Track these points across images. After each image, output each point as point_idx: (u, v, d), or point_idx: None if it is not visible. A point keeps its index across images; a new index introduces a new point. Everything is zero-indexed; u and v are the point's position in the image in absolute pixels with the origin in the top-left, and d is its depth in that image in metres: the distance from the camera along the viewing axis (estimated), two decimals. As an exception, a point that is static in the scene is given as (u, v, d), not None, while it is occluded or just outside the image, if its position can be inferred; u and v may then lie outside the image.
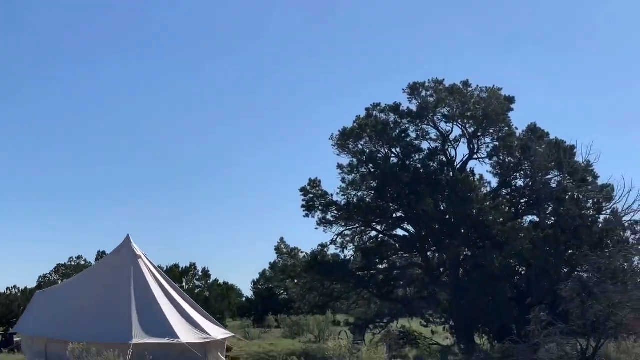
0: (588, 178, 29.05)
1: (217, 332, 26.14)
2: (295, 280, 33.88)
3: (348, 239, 32.56)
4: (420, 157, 30.98)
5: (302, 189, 31.95)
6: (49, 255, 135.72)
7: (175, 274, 42.58)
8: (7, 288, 57.16)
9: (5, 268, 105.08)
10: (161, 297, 25.22)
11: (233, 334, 29.38)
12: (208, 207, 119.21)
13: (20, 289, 52.96)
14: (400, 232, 32.24)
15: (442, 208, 29.98)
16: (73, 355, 12.59)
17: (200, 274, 45.48)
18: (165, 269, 42.25)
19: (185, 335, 23.82)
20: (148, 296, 24.71)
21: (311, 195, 31.80)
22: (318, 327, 36.84)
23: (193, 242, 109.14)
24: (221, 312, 42.23)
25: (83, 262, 54.28)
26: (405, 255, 32.66)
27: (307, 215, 31.76)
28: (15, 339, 27.07)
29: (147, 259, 26.86)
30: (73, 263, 56.90)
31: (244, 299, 63.44)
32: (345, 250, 32.53)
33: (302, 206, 31.87)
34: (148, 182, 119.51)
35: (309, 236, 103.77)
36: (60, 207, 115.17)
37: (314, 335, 35.95)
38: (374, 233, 32.63)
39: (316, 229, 31.82)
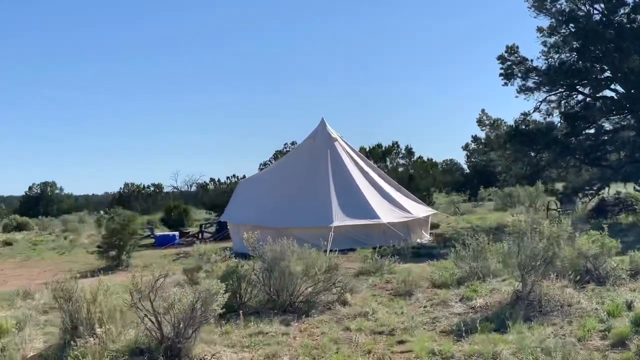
0: None
1: (419, 210, 25.98)
2: (499, 152, 32.95)
3: (553, 104, 31.02)
4: (626, 10, 28.26)
5: (500, 57, 30.60)
6: (269, 143, 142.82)
7: (377, 154, 42.67)
8: (227, 177, 60.40)
9: (228, 158, 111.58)
10: (360, 179, 25.31)
11: (436, 211, 29.14)
12: (406, 87, 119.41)
13: (239, 177, 55.64)
14: (608, 93, 30.23)
15: (653, 64, 27.44)
16: (249, 244, 12.77)
17: (403, 152, 45.13)
18: (367, 149, 42.56)
19: (386, 215, 23.83)
20: (346, 178, 24.88)
21: (509, 63, 30.38)
22: (529, 198, 35.83)
23: (395, 122, 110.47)
24: (427, 189, 41.99)
25: (297, 148, 55.76)
26: (614, 117, 30.53)
27: (506, 84, 30.54)
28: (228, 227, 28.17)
29: (344, 141, 26.92)
30: (288, 149, 58.80)
31: (458, 173, 63.06)
32: (550, 116, 31.12)
33: (500, 74, 30.61)
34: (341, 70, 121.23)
35: (510, 107, 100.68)
36: (275, 96, 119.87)
37: (524, 207, 35.01)
38: (580, 97, 30.74)
39: (516, 97, 30.58)
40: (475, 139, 42.10)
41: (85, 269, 21.78)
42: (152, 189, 77.57)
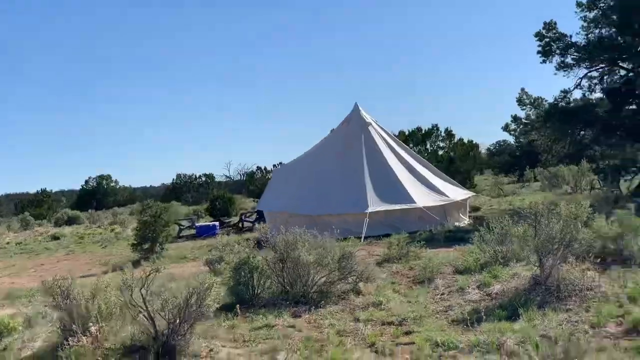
0: None
1: (457, 193, 25.48)
2: (540, 131, 32.23)
3: (595, 81, 30.16)
4: (667, -18, 27.23)
5: (537, 34, 29.78)
6: (317, 130, 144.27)
7: (417, 137, 42.04)
8: (274, 165, 60.66)
9: (284, 147, 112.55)
10: (395, 163, 24.88)
11: (474, 194, 28.63)
12: (447, 71, 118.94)
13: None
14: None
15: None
16: (262, 234, 12.59)
17: (443, 134, 44.13)
18: (407, 133, 41.99)
19: (422, 198, 23.36)
20: (381, 163, 24.45)
21: (547, 39, 29.57)
22: (574, 178, 34.96)
23: (438, 107, 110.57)
24: (467, 171, 41.21)
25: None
26: (658, 92, 29.51)
27: (544, 61, 29.73)
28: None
29: (378, 125, 26.51)
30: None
31: (507, 155, 62.30)
32: (592, 93, 30.26)
33: (538, 52, 29.81)
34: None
35: (551, 86, 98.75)
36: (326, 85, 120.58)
37: (569, 187, 34.21)
38: (622, 72, 29.81)
39: (555, 74, 29.84)
40: (515, 118, 40.96)
41: (121, 261, 21.85)
42: (203, 179, 78.28)
